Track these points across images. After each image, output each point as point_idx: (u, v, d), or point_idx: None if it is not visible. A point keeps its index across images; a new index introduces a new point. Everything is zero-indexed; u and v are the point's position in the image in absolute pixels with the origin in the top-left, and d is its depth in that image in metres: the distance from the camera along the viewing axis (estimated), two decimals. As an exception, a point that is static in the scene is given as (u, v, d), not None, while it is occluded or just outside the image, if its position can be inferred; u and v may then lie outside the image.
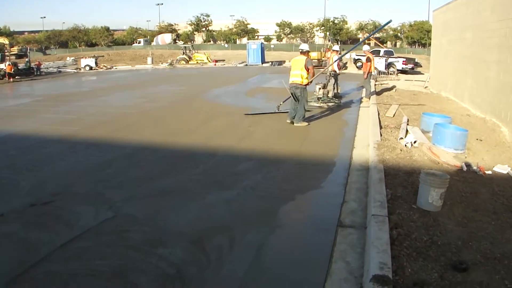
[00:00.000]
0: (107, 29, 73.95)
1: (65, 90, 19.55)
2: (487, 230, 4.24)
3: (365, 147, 7.59)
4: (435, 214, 4.53)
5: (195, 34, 74.52)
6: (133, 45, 66.00)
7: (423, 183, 4.66)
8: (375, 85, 18.42)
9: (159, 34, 69.97)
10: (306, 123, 9.60)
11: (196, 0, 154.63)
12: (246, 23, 73.03)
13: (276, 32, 72.33)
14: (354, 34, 68.96)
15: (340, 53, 15.28)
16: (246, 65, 38.69)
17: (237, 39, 71.94)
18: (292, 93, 9.60)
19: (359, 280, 3.39)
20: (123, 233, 4.37)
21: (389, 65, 28.25)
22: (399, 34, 66.95)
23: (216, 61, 40.84)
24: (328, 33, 63.75)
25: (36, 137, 8.86)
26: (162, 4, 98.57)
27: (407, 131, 8.49)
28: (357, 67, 30.64)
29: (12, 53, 36.22)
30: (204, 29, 74.62)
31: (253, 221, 4.60)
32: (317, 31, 70.75)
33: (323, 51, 34.01)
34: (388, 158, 6.43)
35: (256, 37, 70.10)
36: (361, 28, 67.37)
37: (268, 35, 73.03)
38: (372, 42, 45.23)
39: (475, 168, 6.37)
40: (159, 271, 3.59)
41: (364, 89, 14.51)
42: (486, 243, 3.89)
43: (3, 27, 70.14)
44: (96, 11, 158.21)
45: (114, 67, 40.36)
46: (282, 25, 71.25)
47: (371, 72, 14.33)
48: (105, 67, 38.85)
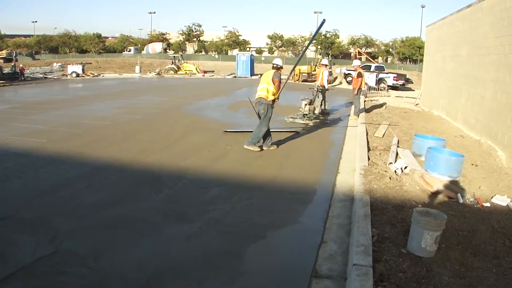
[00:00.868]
0: (98, 36, 73.25)
1: (45, 97, 18.66)
2: (488, 281, 3.60)
3: (351, 172, 6.90)
4: (428, 261, 3.86)
5: (186, 44, 74.02)
6: (123, 53, 65.43)
7: (415, 224, 3.98)
8: (364, 101, 17.90)
9: (150, 42, 69.32)
10: (258, 149, 8.38)
11: (189, 10, 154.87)
12: (237, 34, 72.77)
13: (267, 44, 72.10)
14: (345, 49, 69.01)
15: (330, 67, 14.72)
16: (235, 77, 37.98)
17: (228, 50, 71.58)
18: (256, 111, 8.60)
19: None
20: (58, 275, 3.67)
21: (379, 80, 27.91)
22: (390, 50, 67.13)
23: (205, 72, 40.13)
24: (319, 46, 63.74)
25: (-2, 150, 8.15)
26: (155, 12, 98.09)
27: (397, 154, 7.84)
28: (347, 82, 30.21)
29: (1, 56, 35.20)
30: (195, 39, 74.16)
31: (213, 265, 3.87)
32: (308, 44, 70.66)
33: (313, 64, 33.51)
34: (376, 187, 5.74)
35: (248, 48, 69.82)
36: (352, 42, 67.44)
37: (259, 47, 72.87)
38: (364, 57, 45.11)
39: (472, 199, 5.75)
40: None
41: (353, 105, 13.91)
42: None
43: (-6, 30, 69.11)
44: (89, 18, 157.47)
45: (102, 75, 39.47)
46: (274, 37, 71.12)
47: (362, 88, 13.76)
48: (92, 74, 37.97)
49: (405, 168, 6.75)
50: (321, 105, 13.27)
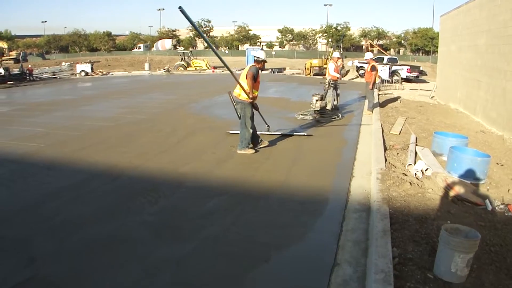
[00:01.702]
0: (108, 34, 73.08)
1: (50, 98, 18.33)
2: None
3: (367, 175, 6.25)
4: (459, 288, 3.26)
5: (196, 40, 73.44)
6: (133, 50, 65.06)
7: (444, 245, 3.37)
8: (378, 95, 17.16)
9: (160, 39, 68.87)
10: (253, 151, 7.76)
11: (198, 6, 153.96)
12: (247, 29, 71.90)
13: (278, 38, 71.16)
14: (357, 41, 67.77)
15: (342, 60, 14.01)
16: (246, 71, 37.30)
17: (238, 45, 70.82)
18: (235, 109, 7.90)
19: None
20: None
21: (392, 73, 27.12)
22: (402, 41, 65.72)
23: (215, 67, 39.56)
24: (330, 39, 62.69)
25: (-7, 155, 7.73)
26: (164, 9, 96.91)
27: (416, 154, 7.20)
28: (359, 75, 29.38)
29: (11, 57, 35.29)
30: (205, 35, 73.54)
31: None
32: (319, 37, 69.65)
33: (325, 58, 32.71)
34: (395, 195, 5.10)
35: (258, 43, 68.95)
36: (364, 35, 66.17)
37: (270, 42, 71.97)
38: (376, 49, 44.10)
39: (501, 206, 5.13)
40: None
41: (367, 100, 13.22)
42: None
43: (4, 31, 69.19)
44: (99, 17, 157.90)
45: (111, 73, 39.28)
46: (284, 31, 70.10)
47: (376, 82, 13.05)
48: (101, 73, 37.82)
49: (426, 170, 6.12)
50: (334, 100, 12.62)
